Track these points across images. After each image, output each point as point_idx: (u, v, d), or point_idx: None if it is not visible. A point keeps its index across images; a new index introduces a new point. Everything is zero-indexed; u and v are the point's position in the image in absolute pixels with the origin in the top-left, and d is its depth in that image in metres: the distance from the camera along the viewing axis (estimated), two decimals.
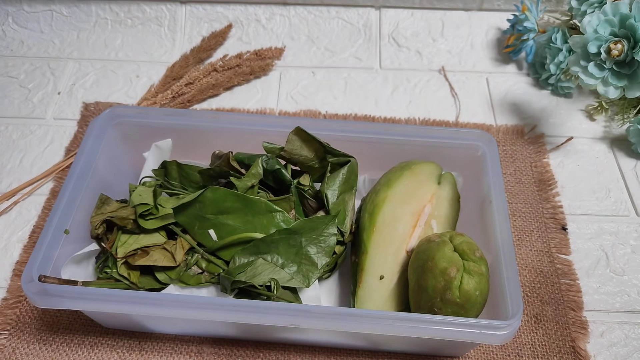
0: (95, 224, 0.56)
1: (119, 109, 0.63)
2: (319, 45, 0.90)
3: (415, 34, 0.91)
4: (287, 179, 0.59)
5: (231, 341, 0.59)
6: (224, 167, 0.59)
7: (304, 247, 0.55)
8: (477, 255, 0.50)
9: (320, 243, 0.55)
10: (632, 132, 0.75)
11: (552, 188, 0.72)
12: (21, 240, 0.67)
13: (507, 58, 0.88)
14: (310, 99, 0.83)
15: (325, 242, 0.55)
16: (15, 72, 0.87)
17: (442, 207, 0.58)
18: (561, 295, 0.62)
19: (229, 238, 0.56)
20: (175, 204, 0.57)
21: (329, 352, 0.58)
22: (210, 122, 0.63)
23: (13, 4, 0.92)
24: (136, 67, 0.87)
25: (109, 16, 0.92)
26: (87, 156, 0.59)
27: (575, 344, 0.59)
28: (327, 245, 0.55)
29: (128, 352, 0.58)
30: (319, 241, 0.55)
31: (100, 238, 0.57)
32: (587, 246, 0.67)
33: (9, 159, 0.76)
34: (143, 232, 0.57)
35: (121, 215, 0.56)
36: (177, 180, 0.63)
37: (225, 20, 0.92)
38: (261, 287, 0.52)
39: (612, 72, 0.66)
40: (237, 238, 0.55)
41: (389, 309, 0.55)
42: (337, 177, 0.59)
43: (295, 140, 0.58)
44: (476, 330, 0.47)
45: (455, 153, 0.62)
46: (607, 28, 0.65)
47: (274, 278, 0.53)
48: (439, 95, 0.84)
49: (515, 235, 0.67)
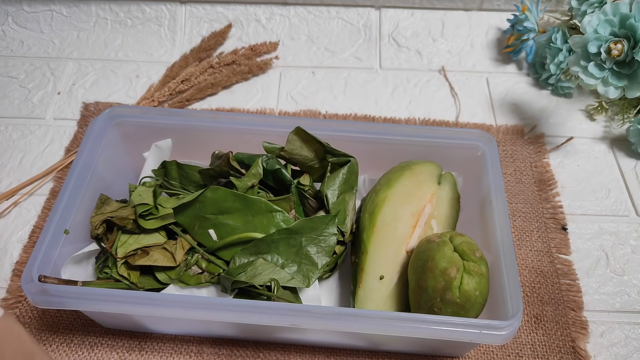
0: (95, 224, 0.56)
1: (119, 109, 0.63)
2: (319, 45, 0.90)
3: (415, 34, 0.91)
4: (287, 178, 0.59)
5: (231, 341, 0.59)
6: (224, 167, 0.59)
7: (304, 247, 0.55)
8: (477, 255, 0.50)
9: (320, 243, 0.55)
10: (632, 132, 0.75)
11: (552, 188, 0.72)
12: (21, 240, 0.67)
13: (507, 58, 0.88)
14: (310, 99, 0.83)
15: (325, 241, 0.55)
16: (15, 72, 0.87)
17: (442, 207, 0.58)
18: (561, 295, 0.62)
19: (229, 238, 0.56)
20: (175, 204, 0.57)
21: (329, 352, 0.58)
22: (210, 122, 0.63)
23: (13, 4, 0.92)
24: (136, 67, 0.87)
25: (109, 16, 0.92)
26: (87, 156, 0.59)
27: (575, 344, 0.59)
28: (327, 245, 0.55)
29: (128, 352, 0.58)
30: (319, 241, 0.55)
31: (100, 238, 0.57)
32: (587, 246, 0.67)
33: (9, 159, 0.76)
34: (143, 232, 0.57)
35: (121, 215, 0.56)
36: (177, 180, 0.63)
37: (225, 20, 0.92)
38: (261, 287, 0.52)
39: (612, 72, 0.66)
40: (237, 238, 0.55)
41: (389, 309, 0.55)
42: (337, 176, 0.59)
43: (295, 141, 0.58)
44: (476, 331, 0.47)
45: (455, 153, 0.62)
46: (607, 28, 0.65)
47: (274, 278, 0.53)
48: (439, 95, 0.84)
49: (515, 235, 0.67)
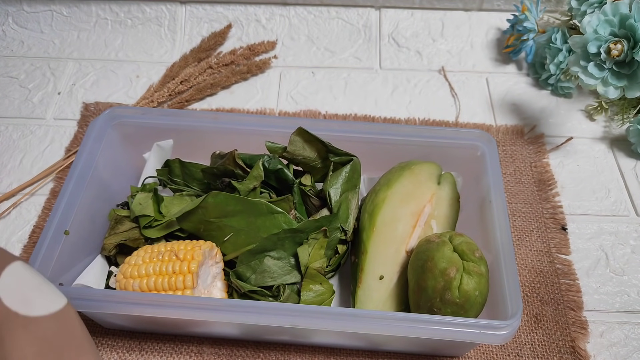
0: (109, 247, 0.58)
1: (119, 109, 0.63)
2: (318, 45, 0.90)
3: (415, 34, 0.91)
4: (289, 178, 0.59)
5: (231, 341, 0.59)
6: (228, 166, 0.59)
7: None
8: (476, 255, 0.50)
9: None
10: (632, 132, 0.75)
11: (551, 188, 0.72)
12: (21, 240, 0.67)
13: (507, 58, 0.88)
14: (310, 99, 0.83)
15: (331, 241, 0.56)
16: (15, 72, 0.87)
17: (442, 207, 0.58)
18: (561, 295, 0.62)
19: (235, 253, 0.56)
20: (179, 205, 0.58)
21: (329, 352, 0.58)
22: (210, 122, 0.63)
23: (13, 4, 0.92)
24: (136, 67, 0.87)
25: (109, 16, 0.92)
26: (87, 156, 0.59)
27: (575, 344, 0.59)
28: (331, 242, 0.56)
29: (128, 352, 0.58)
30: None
31: (110, 257, 0.59)
32: (587, 246, 0.67)
33: (9, 159, 0.76)
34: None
35: (133, 237, 0.58)
36: (180, 178, 0.63)
37: (225, 20, 0.92)
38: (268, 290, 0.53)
39: (612, 72, 0.66)
40: (244, 251, 0.56)
41: (388, 309, 0.55)
42: (340, 175, 0.59)
43: (297, 141, 0.58)
44: (476, 330, 0.47)
45: (455, 153, 0.62)
46: (607, 28, 0.65)
47: (285, 283, 0.53)
48: (439, 95, 0.84)
49: (515, 235, 0.68)
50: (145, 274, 0.53)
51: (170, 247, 0.55)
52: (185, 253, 0.53)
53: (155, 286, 0.52)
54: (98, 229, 0.60)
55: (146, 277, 0.53)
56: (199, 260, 0.52)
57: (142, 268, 0.53)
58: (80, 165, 0.58)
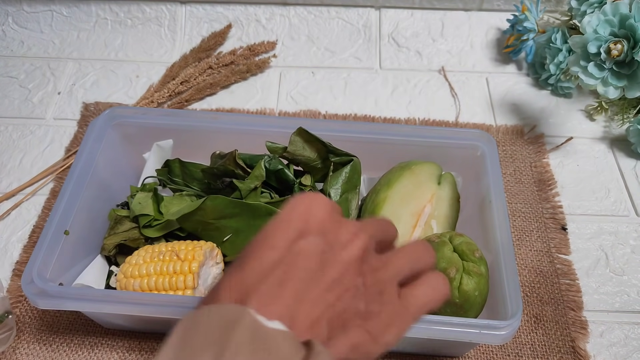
0: (109, 247, 0.58)
1: (119, 109, 0.63)
2: (318, 45, 0.90)
3: (415, 34, 0.91)
4: (290, 178, 0.59)
5: None
6: (228, 166, 0.59)
7: None
8: (476, 255, 0.50)
9: None
10: (632, 132, 0.75)
11: (551, 188, 0.72)
12: (21, 240, 0.67)
13: (507, 58, 0.88)
14: (310, 99, 0.83)
15: None
16: (15, 72, 0.87)
17: (442, 208, 0.58)
18: (561, 295, 0.62)
19: (235, 253, 0.56)
20: (179, 205, 0.58)
21: None
22: (210, 122, 0.63)
23: (13, 4, 0.92)
24: (136, 67, 0.87)
25: (109, 16, 0.92)
26: (87, 156, 0.59)
27: (575, 344, 0.59)
28: None
29: (128, 352, 0.58)
30: None
31: (109, 257, 0.59)
32: (587, 246, 0.67)
33: (9, 159, 0.76)
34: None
35: (133, 237, 0.58)
36: (180, 178, 0.63)
37: (225, 21, 0.92)
38: None
39: (611, 72, 0.66)
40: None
41: None
42: (340, 175, 0.59)
43: (297, 142, 0.58)
44: (476, 331, 0.47)
45: (455, 153, 0.62)
46: (607, 28, 0.65)
47: None
48: (439, 95, 0.84)
49: (515, 235, 0.68)
50: (146, 274, 0.53)
51: (171, 247, 0.55)
52: (186, 253, 0.53)
53: (156, 286, 0.52)
54: (98, 229, 0.60)
55: (147, 277, 0.53)
56: (200, 261, 0.52)
57: (143, 268, 0.53)
58: (80, 165, 0.58)
